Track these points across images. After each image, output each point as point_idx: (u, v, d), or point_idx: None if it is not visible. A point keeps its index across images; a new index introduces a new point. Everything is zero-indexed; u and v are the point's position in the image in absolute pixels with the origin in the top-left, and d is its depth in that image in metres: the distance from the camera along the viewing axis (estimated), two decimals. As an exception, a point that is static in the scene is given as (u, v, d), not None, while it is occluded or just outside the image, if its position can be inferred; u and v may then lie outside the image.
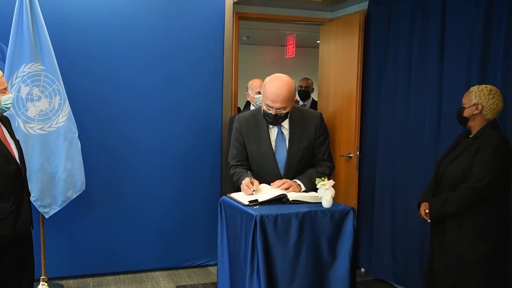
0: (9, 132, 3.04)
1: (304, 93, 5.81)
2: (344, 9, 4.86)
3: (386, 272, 4.22)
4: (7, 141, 2.97)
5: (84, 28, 4.20)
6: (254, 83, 4.29)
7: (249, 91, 4.33)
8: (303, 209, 2.58)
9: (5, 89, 2.98)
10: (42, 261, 4.03)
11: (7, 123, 3.11)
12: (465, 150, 2.89)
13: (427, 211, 3.01)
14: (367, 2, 4.45)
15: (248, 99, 4.44)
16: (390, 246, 4.16)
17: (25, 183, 3.05)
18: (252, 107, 4.23)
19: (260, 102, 4.12)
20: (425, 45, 3.77)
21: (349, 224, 2.60)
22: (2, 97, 2.91)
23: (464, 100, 2.95)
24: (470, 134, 2.97)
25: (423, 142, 3.79)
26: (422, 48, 3.80)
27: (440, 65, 3.66)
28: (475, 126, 2.92)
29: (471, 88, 2.92)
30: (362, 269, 4.55)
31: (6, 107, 2.97)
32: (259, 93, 4.18)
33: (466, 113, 2.92)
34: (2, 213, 2.86)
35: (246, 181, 2.85)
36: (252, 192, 2.75)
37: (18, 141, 3.11)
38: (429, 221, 3.03)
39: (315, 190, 2.77)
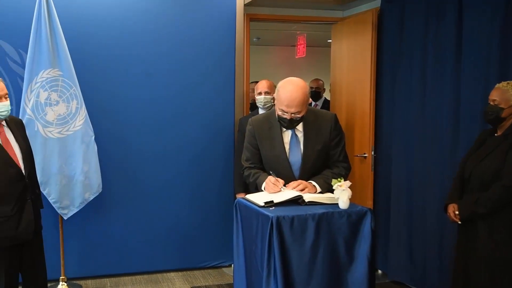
0: (15, 135, 3.07)
1: (315, 94, 5.82)
2: (356, 8, 4.85)
3: (403, 274, 4.17)
4: (9, 145, 3.01)
5: (100, 35, 4.26)
6: (257, 84, 4.32)
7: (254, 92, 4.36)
8: (320, 210, 2.58)
9: (4, 96, 2.97)
10: (61, 262, 4.11)
11: (17, 126, 3.15)
12: (495, 148, 2.86)
13: (456, 212, 3.00)
14: (380, 0, 4.43)
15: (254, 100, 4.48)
16: (407, 247, 4.11)
17: (30, 186, 3.09)
18: (261, 111, 4.26)
19: (260, 103, 4.19)
20: (441, 43, 3.73)
21: (366, 226, 2.59)
22: None
23: (497, 99, 2.87)
24: (495, 133, 2.94)
25: (441, 141, 3.74)
26: (437, 46, 3.76)
27: (457, 63, 3.61)
28: (505, 124, 2.89)
29: (505, 87, 2.86)
30: (379, 271, 4.51)
31: (1, 115, 2.95)
32: (260, 94, 4.22)
33: (504, 114, 2.86)
34: (4, 216, 2.92)
35: (272, 179, 2.86)
36: (281, 189, 2.77)
37: (27, 145, 3.15)
38: (459, 222, 3.01)
39: (331, 191, 2.78)
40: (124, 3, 4.31)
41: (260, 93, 4.22)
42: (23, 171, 3.03)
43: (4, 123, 3.03)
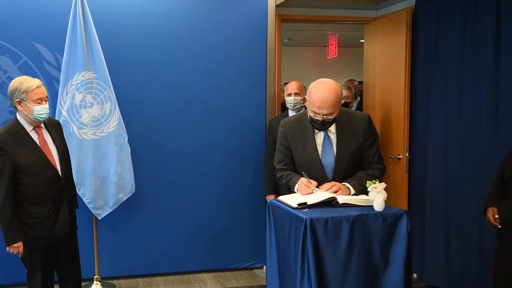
0: (53, 137, 3.14)
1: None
2: (390, 7, 4.79)
3: (440, 278, 4.08)
4: (47, 147, 3.08)
5: (134, 37, 4.31)
6: (286, 85, 4.30)
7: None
8: (354, 212, 2.55)
9: (44, 99, 3.03)
10: (95, 261, 4.17)
11: (55, 127, 3.22)
12: None
13: (496, 216, 2.93)
14: (414, -1, 4.36)
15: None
16: (444, 251, 4.02)
17: (66, 187, 3.16)
18: (290, 112, 4.24)
19: (290, 104, 4.16)
20: (479, 42, 3.63)
21: (402, 228, 2.54)
22: (36, 107, 2.97)
23: None
24: None
25: (479, 143, 3.65)
26: (475, 45, 3.67)
27: (495, 63, 3.50)
28: None
29: None
30: (415, 275, 4.41)
31: (40, 117, 3.01)
32: (290, 95, 4.21)
33: None
34: (40, 217, 3.01)
35: (304, 181, 2.84)
36: (313, 191, 2.75)
37: (63, 146, 3.21)
38: (499, 226, 2.94)
39: (365, 193, 2.75)
40: (157, 6, 4.35)
41: (289, 94, 4.21)
42: (60, 173, 3.09)
43: (42, 125, 3.10)
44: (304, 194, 2.79)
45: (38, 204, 3.00)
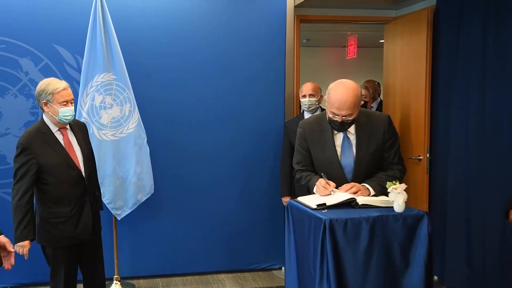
0: (77, 138, 3.19)
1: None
2: (410, 7, 4.74)
3: (461, 281, 4.01)
4: (72, 148, 3.13)
5: (152, 38, 4.34)
6: (301, 87, 4.29)
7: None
8: (374, 213, 2.52)
9: (70, 101, 3.08)
10: (115, 261, 4.20)
11: (81, 129, 3.27)
12: None
13: None
14: (435, -2, 4.31)
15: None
16: (465, 253, 3.96)
17: (90, 188, 3.19)
18: (306, 114, 4.22)
19: (305, 105, 4.14)
20: (501, 42, 3.57)
21: (423, 230, 2.51)
22: (61, 108, 3.02)
23: None
24: None
25: (501, 144, 3.58)
26: (498, 45, 3.61)
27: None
28: None
29: None
30: (435, 277, 4.36)
31: (65, 119, 3.06)
32: (304, 96, 4.19)
33: None
34: (63, 217, 3.05)
35: (322, 182, 2.83)
36: (331, 192, 2.73)
37: (88, 148, 3.26)
38: None
39: (385, 194, 2.71)
40: (176, 8, 4.37)
41: (304, 96, 4.20)
42: (83, 174, 3.13)
43: (68, 126, 3.15)
44: (322, 195, 2.77)
45: (61, 204, 3.05)
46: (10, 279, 4.23)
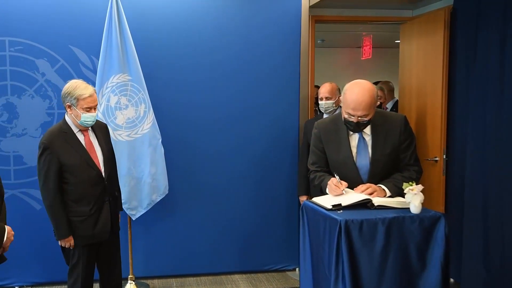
0: (98, 139, 3.22)
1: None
2: (427, 7, 4.69)
3: (478, 284, 3.94)
4: (93, 148, 3.17)
5: (167, 39, 4.36)
6: (319, 88, 4.29)
7: None
8: (390, 214, 2.50)
9: (94, 107, 3.10)
10: (130, 261, 4.23)
11: (102, 130, 3.30)
12: None
13: None
14: (452, -2, 4.26)
15: None
16: (482, 255, 3.89)
17: (108, 188, 3.22)
18: (325, 115, 4.20)
19: (322, 108, 4.18)
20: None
21: (440, 231, 2.48)
22: (84, 114, 3.05)
23: None
24: None
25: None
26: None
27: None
28: None
29: None
30: (452, 280, 4.31)
31: (86, 123, 3.10)
32: (321, 99, 4.20)
33: None
34: (82, 215, 3.09)
35: (334, 181, 2.81)
36: (342, 192, 2.71)
37: (108, 148, 3.29)
38: None
39: (401, 195, 2.69)
40: (190, 8, 4.38)
41: (321, 99, 4.20)
42: (103, 174, 3.16)
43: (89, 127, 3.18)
44: (334, 195, 2.75)
45: (81, 203, 3.09)
46: (27, 277, 4.28)
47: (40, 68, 4.15)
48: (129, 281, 4.23)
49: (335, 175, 2.85)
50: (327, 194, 2.88)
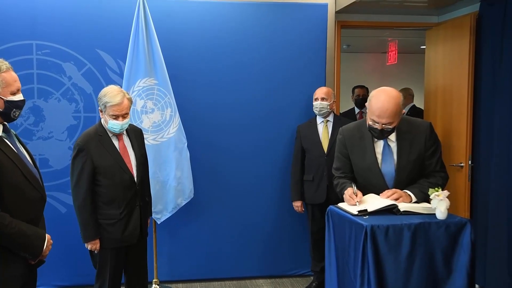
0: (132, 143, 3.27)
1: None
2: (452, 13, 4.66)
3: (503, 290, 3.93)
4: (126, 152, 3.21)
5: (193, 43, 4.40)
6: (316, 90, 4.32)
7: None
8: (416, 220, 2.49)
9: (122, 115, 3.11)
10: (154, 265, 4.27)
11: (136, 135, 3.35)
12: None
13: None
14: (478, 4, 4.22)
15: None
16: (506, 262, 3.85)
17: (140, 193, 3.26)
18: (318, 118, 4.25)
19: (316, 108, 4.17)
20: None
21: (466, 237, 2.46)
22: (111, 121, 3.10)
23: None
24: None
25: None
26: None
27: None
28: None
29: None
30: (477, 286, 4.27)
31: (113, 130, 3.14)
32: (316, 99, 4.22)
33: None
34: (113, 219, 3.13)
35: (349, 191, 2.81)
36: (356, 203, 2.71)
37: (142, 153, 3.34)
38: None
39: (427, 201, 2.68)
40: (217, 12, 4.42)
41: (316, 99, 4.21)
42: (135, 178, 3.21)
43: (124, 131, 3.23)
44: (349, 204, 2.75)
45: (111, 206, 3.13)
46: (54, 280, 4.32)
47: (67, 71, 4.21)
48: (153, 285, 4.28)
49: (353, 185, 2.85)
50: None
